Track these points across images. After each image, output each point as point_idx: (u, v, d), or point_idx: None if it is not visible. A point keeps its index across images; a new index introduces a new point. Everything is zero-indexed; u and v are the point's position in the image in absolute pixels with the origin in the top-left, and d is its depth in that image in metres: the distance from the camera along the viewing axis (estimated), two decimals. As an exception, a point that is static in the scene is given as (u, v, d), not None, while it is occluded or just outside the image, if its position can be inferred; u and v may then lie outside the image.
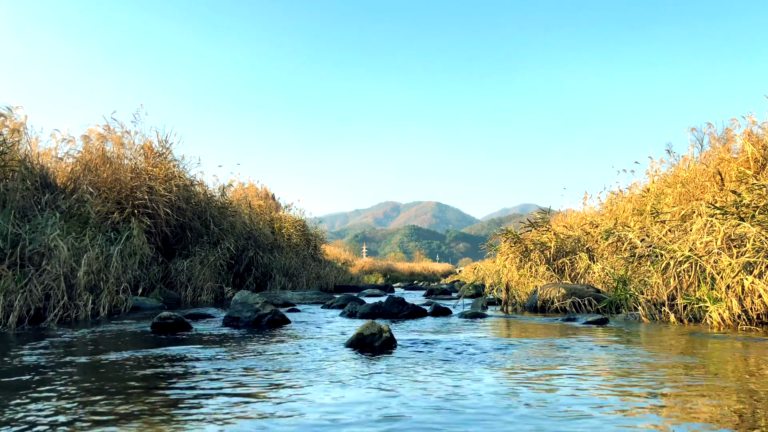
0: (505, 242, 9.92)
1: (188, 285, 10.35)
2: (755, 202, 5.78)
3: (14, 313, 5.12)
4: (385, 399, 2.13)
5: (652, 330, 4.72)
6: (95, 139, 10.30)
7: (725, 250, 5.29)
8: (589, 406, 2.01)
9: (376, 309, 6.30)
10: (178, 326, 4.75)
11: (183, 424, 1.81)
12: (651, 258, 6.10)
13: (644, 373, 2.68)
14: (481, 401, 2.10)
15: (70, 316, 5.80)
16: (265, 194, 19.27)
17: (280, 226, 17.87)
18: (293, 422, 1.82)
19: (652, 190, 11.17)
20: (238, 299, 5.47)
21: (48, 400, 2.13)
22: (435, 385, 2.38)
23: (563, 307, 6.92)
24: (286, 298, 10.11)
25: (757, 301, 4.78)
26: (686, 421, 1.80)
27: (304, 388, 2.34)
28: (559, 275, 8.96)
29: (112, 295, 6.74)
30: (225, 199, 14.18)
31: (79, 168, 9.37)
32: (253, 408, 2.01)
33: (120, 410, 1.98)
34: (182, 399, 2.16)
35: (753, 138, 8.87)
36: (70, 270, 6.07)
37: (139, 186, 10.43)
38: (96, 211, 8.29)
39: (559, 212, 15.75)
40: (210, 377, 2.59)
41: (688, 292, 5.40)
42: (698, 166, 9.98)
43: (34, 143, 8.72)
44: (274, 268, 14.45)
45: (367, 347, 3.48)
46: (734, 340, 3.94)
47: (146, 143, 11.31)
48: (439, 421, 1.83)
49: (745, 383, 2.42)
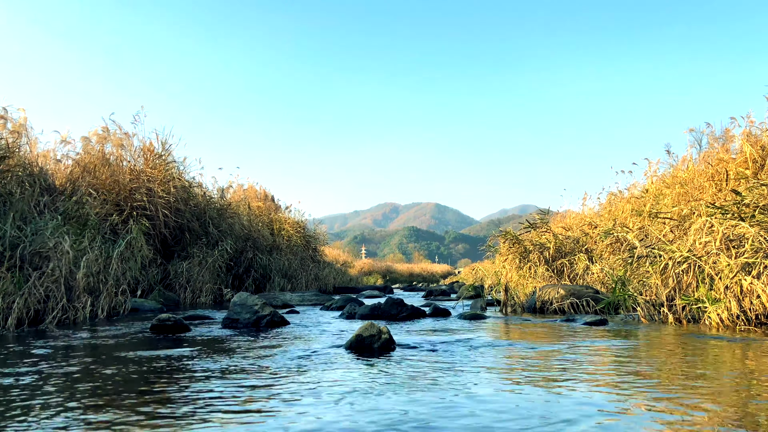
0: (504, 243, 9.93)
1: (187, 287, 10.34)
2: (756, 202, 5.78)
3: (13, 315, 5.12)
4: (385, 401, 2.13)
5: (650, 331, 4.72)
6: (95, 141, 10.30)
7: (724, 250, 5.30)
8: (587, 407, 2.02)
9: (375, 310, 6.30)
10: (177, 328, 4.75)
11: (182, 425, 1.81)
12: (650, 258, 6.11)
13: (643, 374, 2.68)
14: (479, 404, 2.10)
15: (69, 318, 5.80)
16: (264, 196, 19.25)
17: (279, 227, 17.86)
18: (292, 424, 1.82)
19: (651, 191, 11.19)
20: (237, 301, 5.47)
21: (47, 403, 2.13)
22: (434, 387, 2.38)
23: (562, 308, 6.92)
24: (285, 299, 10.11)
25: (756, 301, 4.78)
26: (685, 423, 1.80)
27: (303, 391, 2.34)
28: (558, 276, 8.97)
29: (111, 297, 6.73)
30: (224, 201, 14.18)
31: (78, 170, 9.36)
32: (252, 410, 2.01)
33: (119, 413, 1.98)
34: (180, 401, 2.15)
35: (751, 138, 8.89)
36: (69, 272, 6.07)
37: (138, 188, 10.43)
38: (95, 213, 8.28)
39: (558, 213, 15.78)
40: (209, 379, 2.59)
41: (687, 293, 5.41)
42: (697, 166, 9.99)
43: (33, 145, 8.72)
44: (273, 270, 14.45)
45: (366, 349, 3.48)
46: (733, 340, 3.95)
47: (146, 145, 11.32)
48: (438, 423, 1.83)
49: (744, 384, 2.42)
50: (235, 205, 14.84)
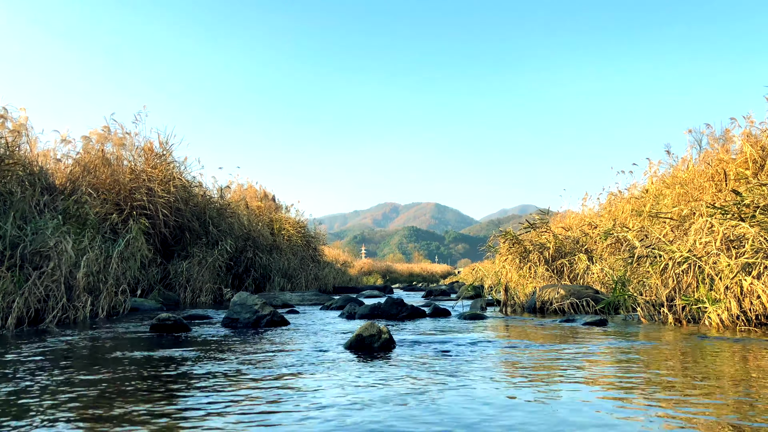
0: (504, 243, 9.93)
1: (187, 286, 10.35)
2: (756, 202, 5.78)
3: (13, 314, 5.12)
4: (384, 401, 2.13)
5: (650, 331, 4.72)
6: (95, 141, 10.30)
7: (724, 250, 5.30)
8: (586, 408, 2.02)
9: (375, 310, 6.30)
10: (176, 327, 4.75)
11: (182, 425, 1.81)
12: (650, 259, 6.11)
13: (642, 374, 2.68)
14: (479, 404, 2.10)
15: (69, 318, 5.80)
16: (264, 195, 19.25)
17: (279, 227, 17.86)
18: (291, 424, 1.82)
19: (651, 191, 11.19)
20: (237, 300, 5.47)
21: (46, 402, 2.13)
22: (434, 387, 2.38)
23: (562, 308, 6.92)
24: (285, 299, 10.11)
25: (756, 302, 4.78)
26: (685, 423, 1.80)
27: (302, 390, 2.34)
28: (558, 276, 8.97)
29: (111, 296, 6.73)
30: (224, 200, 14.18)
31: (78, 169, 9.36)
32: (252, 410, 2.01)
33: (118, 412, 1.98)
34: (180, 400, 2.15)
35: (752, 139, 8.89)
36: (69, 271, 6.07)
37: (138, 187, 10.43)
38: (95, 213, 8.28)
39: (559, 213, 15.78)
40: (208, 378, 2.59)
41: (687, 293, 5.41)
42: (697, 167, 10.00)
43: (33, 144, 8.72)
44: (273, 270, 14.45)
45: (366, 348, 3.48)
46: (733, 341, 3.95)
47: (146, 144, 11.32)
48: (437, 423, 1.83)
49: (744, 384, 2.42)
50: (234, 204, 14.85)
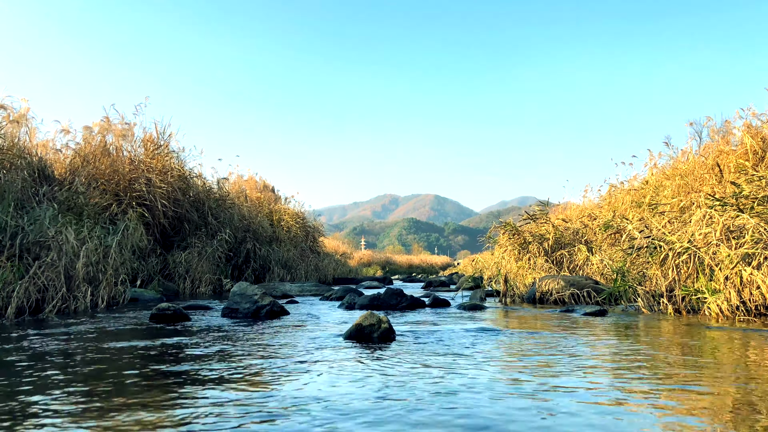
0: (504, 234, 9.93)
1: (187, 277, 10.35)
2: (755, 194, 5.77)
3: (13, 304, 5.12)
4: (383, 390, 2.13)
5: (650, 321, 4.73)
6: (96, 131, 10.27)
7: (724, 241, 5.29)
8: (585, 397, 2.02)
9: (374, 301, 6.30)
10: (176, 317, 4.75)
11: (181, 413, 1.81)
12: (649, 249, 6.11)
13: (642, 365, 2.68)
14: (478, 393, 2.10)
15: (69, 308, 5.80)
16: (263, 186, 19.23)
17: (279, 218, 17.86)
18: (291, 412, 1.82)
19: (651, 183, 11.18)
20: (237, 291, 5.47)
21: (46, 392, 2.13)
22: (434, 377, 2.38)
23: (562, 299, 6.93)
24: (285, 290, 10.12)
25: (756, 292, 4.79)
26: (684, 414, 1.80)
27: (302, 380, 2.34)
28: (558, 267, 8.97)
29: (111, 286, 6.73)
30: (223, 191, 14.17)
31: (78, 160, 9.34)
32: (251, 398, 2.01)
33: (118, 401, 1.97)
34: (180, 389, 2.15)
35: (752, 130, 8.87)
36: (69, 261, 6.07)
37: (137, 178, 10.41)
38: (94, 203, 8.27)
39: (559, 205, 15.77)
40: (208, 368, 2.59)
41: (687, 284, 5.41)
42: (697, 158, 9.98)
43: (33, 134, 8.69)
44: (273, 261, 14.45)
45: (365, 338, 3.48)
46: (732, 331, 3.95)
47: (146, 135, 11.29)
48: (437, 413, 1.83)
49: (744, 375, 2.42)
50: (234, 195, 14.83)
